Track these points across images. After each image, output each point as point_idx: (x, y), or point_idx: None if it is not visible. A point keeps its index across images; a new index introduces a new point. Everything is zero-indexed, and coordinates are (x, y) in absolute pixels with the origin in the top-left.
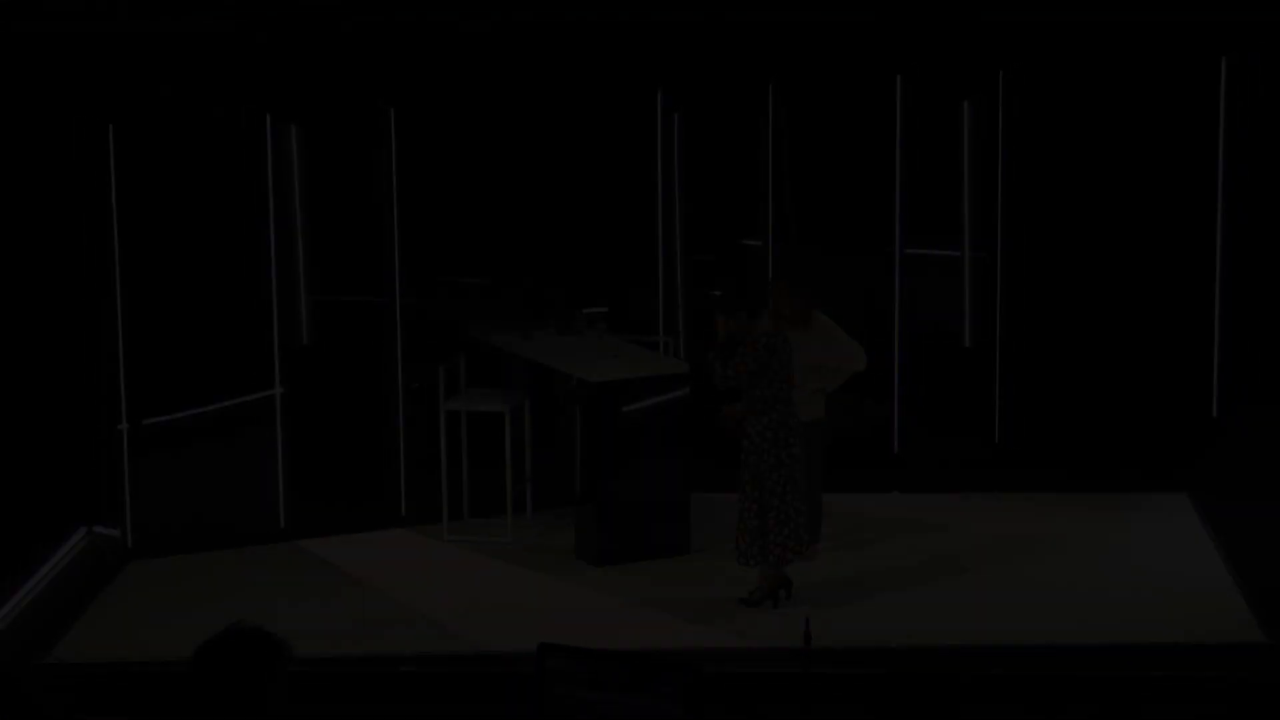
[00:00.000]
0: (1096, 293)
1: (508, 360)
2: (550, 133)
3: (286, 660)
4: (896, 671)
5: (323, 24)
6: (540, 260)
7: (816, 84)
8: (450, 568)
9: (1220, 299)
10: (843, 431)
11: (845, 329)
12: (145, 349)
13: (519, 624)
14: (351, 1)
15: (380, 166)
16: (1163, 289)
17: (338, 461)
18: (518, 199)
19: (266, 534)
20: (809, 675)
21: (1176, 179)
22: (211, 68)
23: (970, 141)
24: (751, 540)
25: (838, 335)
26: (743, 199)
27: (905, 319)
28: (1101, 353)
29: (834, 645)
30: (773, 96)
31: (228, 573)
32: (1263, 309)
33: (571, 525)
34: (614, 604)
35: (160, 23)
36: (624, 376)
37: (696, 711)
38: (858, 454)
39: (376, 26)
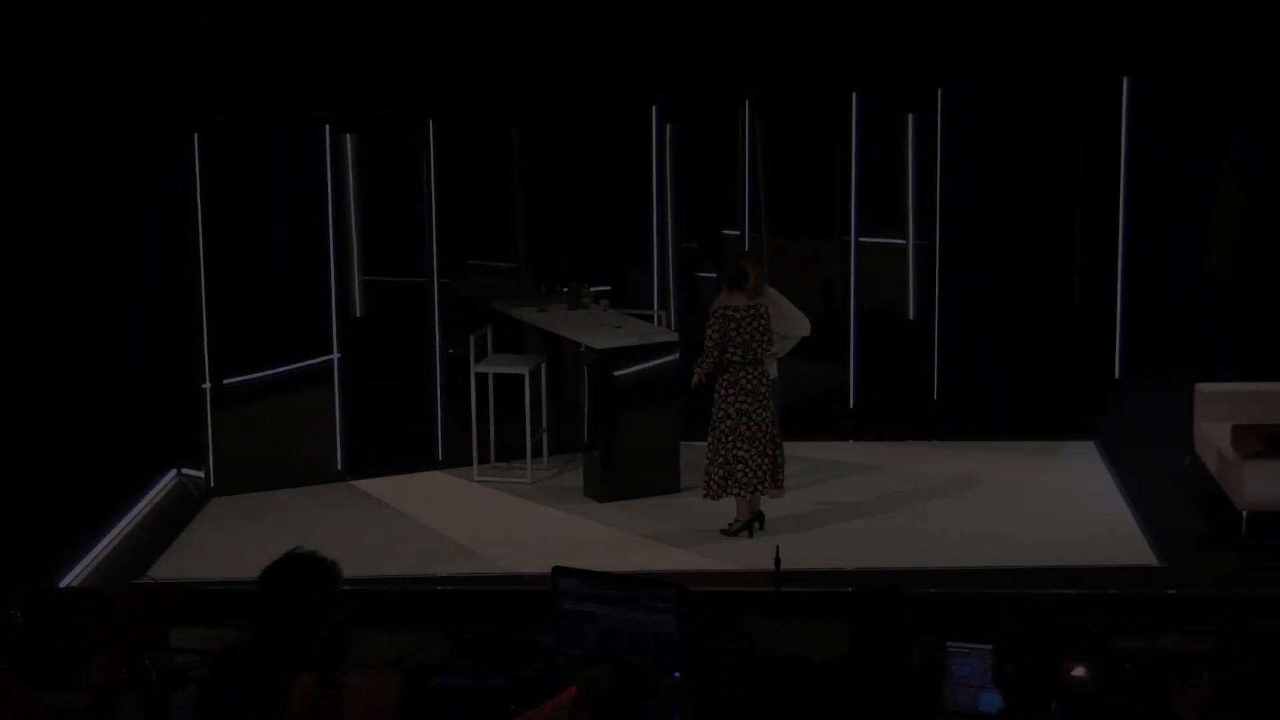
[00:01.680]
0: (1018, 275)
1: (527, 330)
2: (564, 141)
3: (338, 579)
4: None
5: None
6: (554, 247)
7: (785, 100)
8: (479, 504)
9: (1121, 281)
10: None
11: (808, 305)
12: (225, 322)
13: (536, 550)
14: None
15: (421, 167)
16: (1073, 272)
17: (385, 415)
18: (537, 196)
19: (325, 475)
20: (779, 593)
21: (1084, 179)
22: (282, 84)
23: (913, 148)
24: (714, 480)
25: (786, 306)
26: (723, 195)
27: (859, 296)
28: (1022, 324)
29: (799, 568)
30: (748, 110)
31: (292, 507)
32: (1154, 289)
33: (580, 468)
34: (615, 534)
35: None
36: (624, 344)
37: (684, 622)
38: (820, 408)
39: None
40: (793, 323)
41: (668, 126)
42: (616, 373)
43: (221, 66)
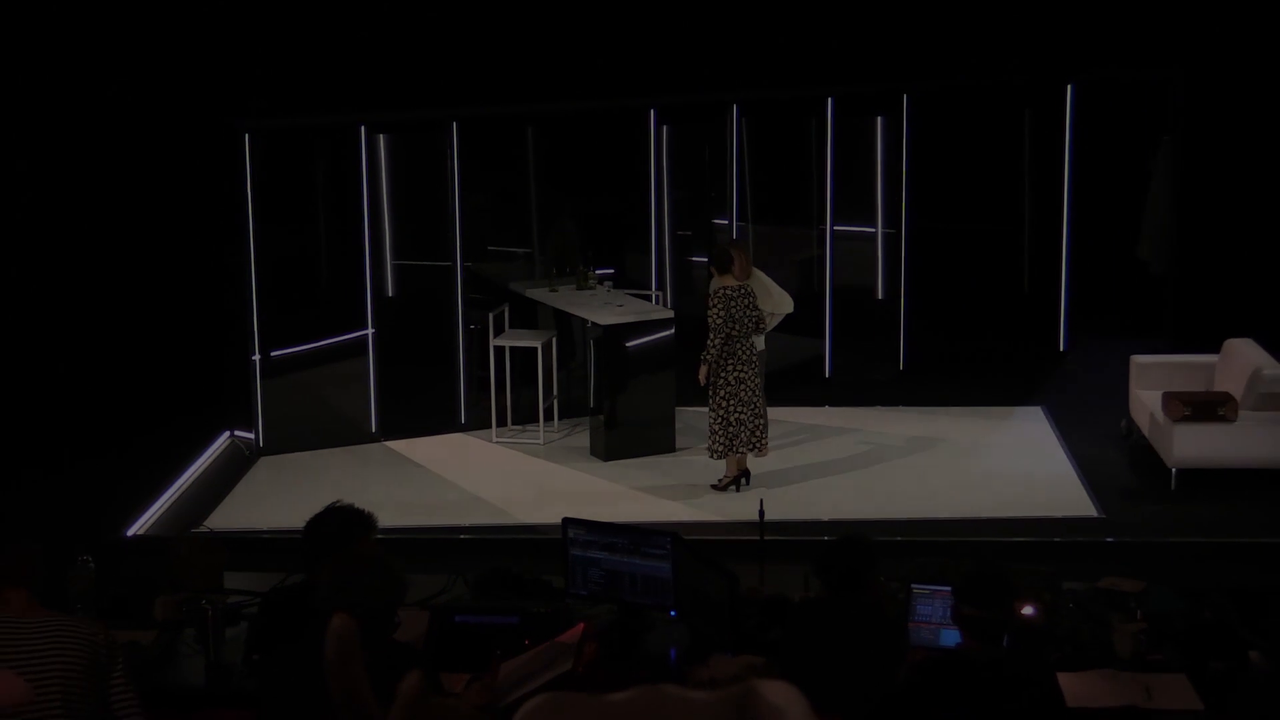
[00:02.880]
0: (975, 259)
1: (539, 308)
2: (573, 140)
3: (373, 529)
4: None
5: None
6: (564, 234)
7: (768, 105)
8: (497, 462)
9: (1065, 265)
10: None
11: (788, 286)
12: (273, 300)
13: (547, 503)
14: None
15: (446, 163)
16: (1023, 257)
17: (414, 383)
18: (548, 188)
19: (361, 436)
20: (763, 541)
21: (1032, 174)
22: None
23: (882, 146)
24: (718, 440)
25: (771, 287)
26: (713, 188)
27: (834, 278)
28: (978, 303)
29: (780, 518)
30: (735, 113)
31: (331, 465)
32: (1094, 272)
33: (586, 430)
34: (618, 488)
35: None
36: (625, 320)
37: (678, 566)
38: (799, 378)
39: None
40: (778, 301)
41: (664, 127)
42: (619, 346)
43: (269, 75)
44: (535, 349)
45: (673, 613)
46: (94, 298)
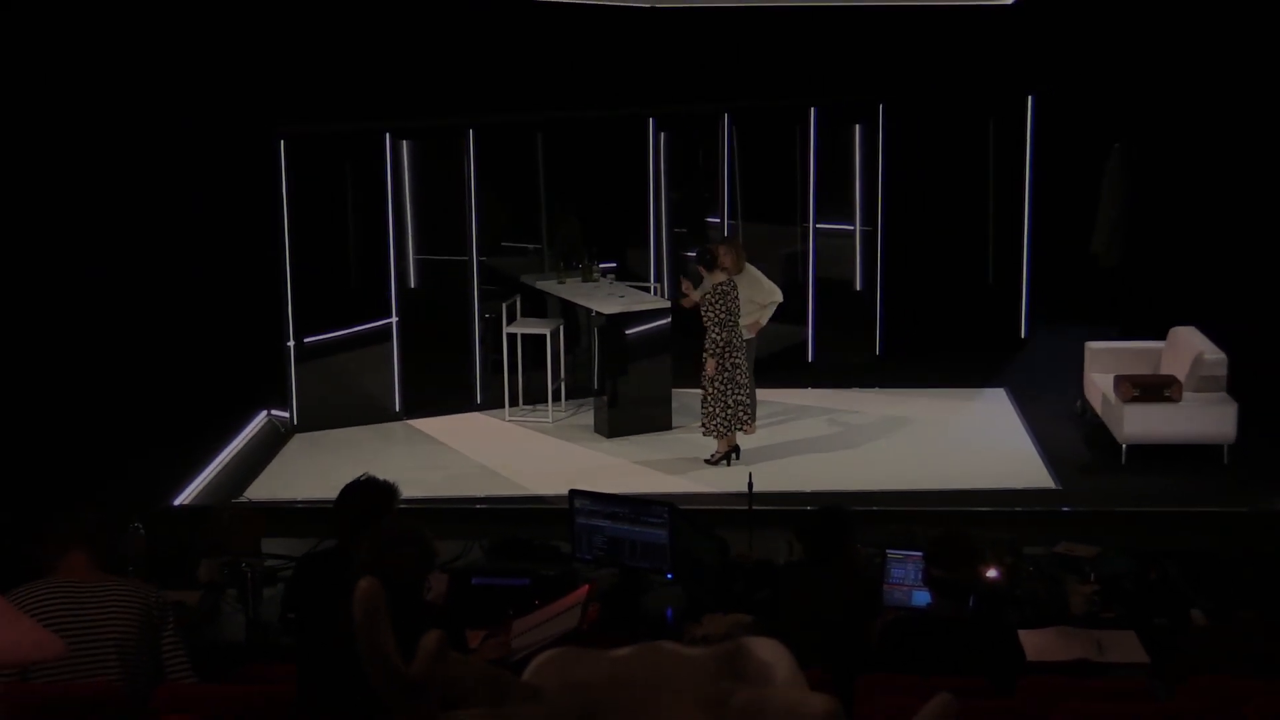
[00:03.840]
0: (944, 254)
1: (548, 298)
2: (579, 146)
3: (396, 499)
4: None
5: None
6: (570, 231)
7: (756, 114)
8: (510, 439)
9: (1026, 259)
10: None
11: (775, 277)
12: (306, 292)
13: (555, 476)
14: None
15: (463, 167)
16: (987, 252)
17: (434, 366)
18: (556, 190)
19: (386, 415)
20: (751, 510)
21: (995, 177)
22: (351, 101)
23: (860, 151)
24: (717, 421)
25: (762, 280)
26: (706, 190)
27: (816, 271)
28: (947, 294)
29: (767, 490)
30: (727, 121)
31: (359, 441)
32: (1052, 266)
33: (591, 410)
34: (619, 463)
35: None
36: (626, 310)
37: (674, 533)
38: (784, 362)
39: (462, 76)
40: (769, 292)
41: (662, 134)
42: (620, 333)
43: (302, 87)
44: (544, 335)
45: (669, 576)
46: (143, 289)
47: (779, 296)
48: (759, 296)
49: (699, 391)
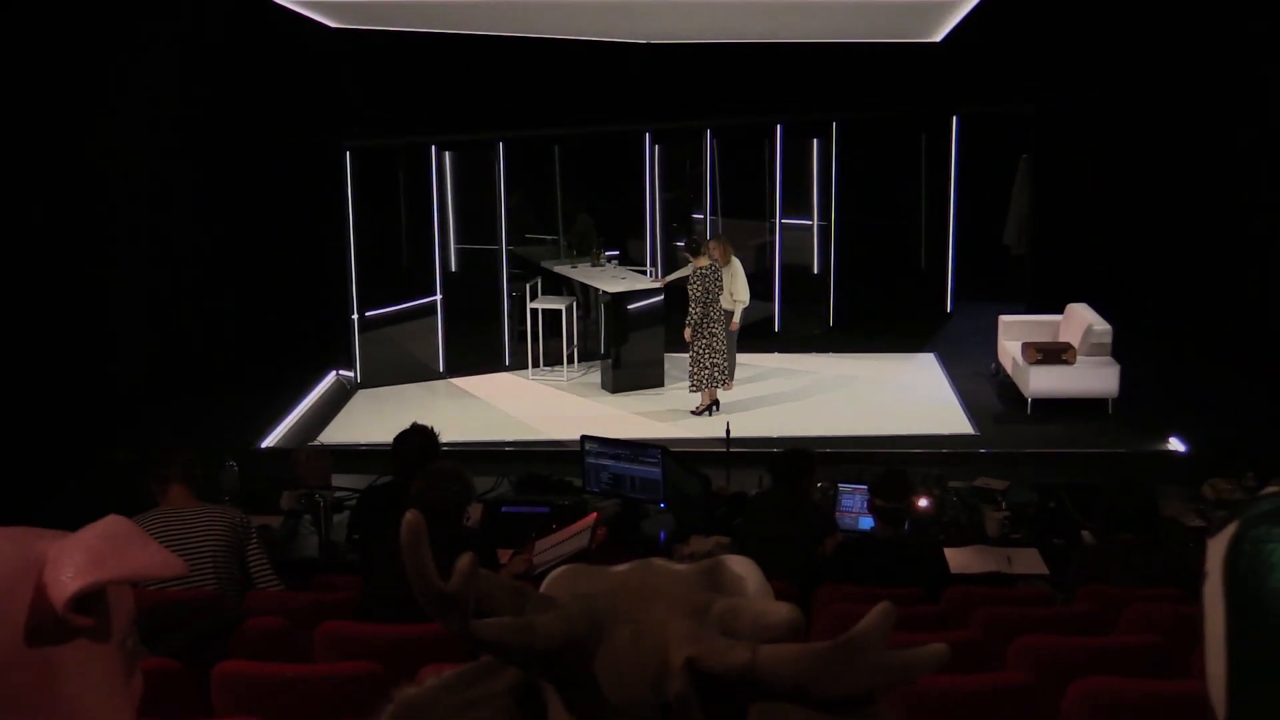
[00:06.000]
0: (885, 244)
1: (563, 280)
2: (589, 155)
3: (440, 443)
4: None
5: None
6: (581, 225)
7: (733, 130)
8: (532, 394)
9: (951, 247)
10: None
11: (747, 264)
12: (367, 275)
13: (569, 424)
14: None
15: (494, 172)
16: (920, 242)
17: (470, 334)
18: (571, 192)
19: (431, 374)
20: (729, 453)
21: (927, 181)
22: (403, 119)
23: (817, 160)
24: (700, 378)
25: (741, 275)
26: (692, 191)
27: (781, 258)
28: (886, 276)
29: (742, 436)
30: (709, 136)
31: (409, 395)
32: (972, 253)
33: (598, 370)
34: (621, 414)
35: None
36: (627, 289)
37: (666, 471)
38: (756, 332)
39: (494, 98)
40: (742, 289)
41: (656, 146)
42: (622, 308)
43: (364, 108)
44: (560, 310)
45: (662, 505)
46: (240, 272)
47: (746, 298)
48: (736, 290)
49: (685, 356)
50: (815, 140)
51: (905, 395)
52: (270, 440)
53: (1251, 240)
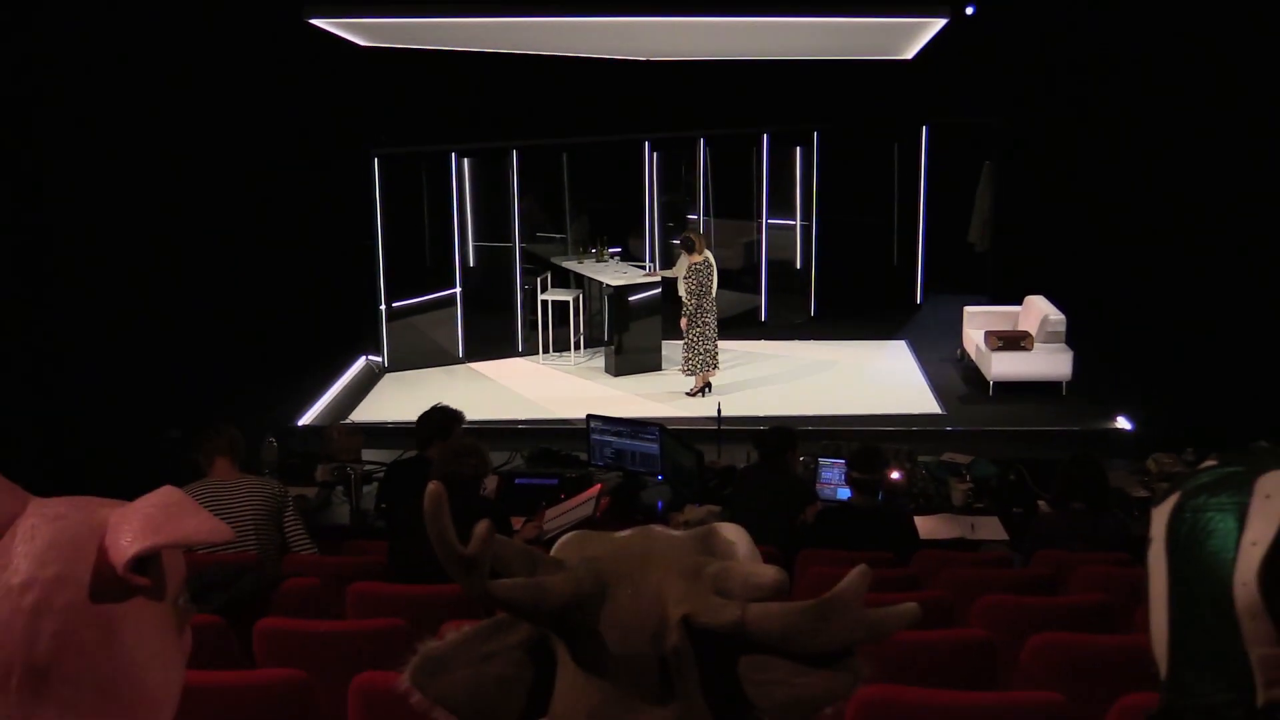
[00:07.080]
0: (861, 243)
1: (571, 273)
2: (593, 162)
3: (461, 421)
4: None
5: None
6: (587, 224)
7: (724, 138)
8: (543, 377)
9: (921, 245)
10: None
11: (737, 259)
12: (393, 269)
13: (577, 404)
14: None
15: (509, 178)
16: (893, 240)
17: (487, 322)
18: (577, 195)
19: (451, 359)
20: (720, 430)
21: (899, 186)
22: (426, 130)
23: (800, 166)
24: (694, 364)
25: (713, 268)
26: (687, 194)
27: (767, 254)
28: (862, 271)
29: (732, 415)
30: (703, 144)
31: (432, 378)
32: (940, 251)
33: (603, 356)
34: (623, 395)
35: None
36: (629, 283)
37: (664, 447)
38: (743, 320)
39: (508, 112)
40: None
41: (655, 154)
42: (624, 299)
43: (391, 118)
44: (568, 301)
45: (660, 477)
46: (279, 267)
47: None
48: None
49: (680, 342)
50: (799, 148)
51: (879, 378)
52: (306, 418)
53: (1191, 235)
